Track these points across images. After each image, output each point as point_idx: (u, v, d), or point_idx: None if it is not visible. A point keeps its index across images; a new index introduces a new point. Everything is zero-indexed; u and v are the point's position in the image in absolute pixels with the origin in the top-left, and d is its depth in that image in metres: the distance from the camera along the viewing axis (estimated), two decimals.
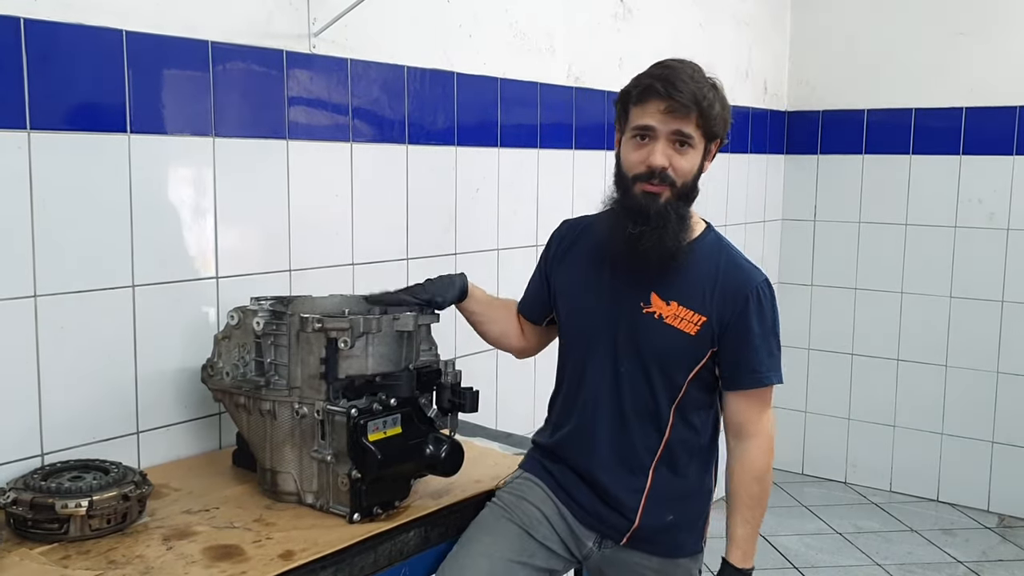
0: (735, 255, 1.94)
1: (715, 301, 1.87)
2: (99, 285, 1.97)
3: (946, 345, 4.45)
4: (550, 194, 3.17)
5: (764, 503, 1.93)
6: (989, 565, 3.87)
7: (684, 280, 1.88)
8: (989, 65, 4.24)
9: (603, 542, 1.96)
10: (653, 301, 1.89)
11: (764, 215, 4.68)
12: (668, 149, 1.83)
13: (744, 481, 1.91)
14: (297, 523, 1.79)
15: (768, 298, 1.89)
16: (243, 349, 1.91)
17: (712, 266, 1.90)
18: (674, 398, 1.90)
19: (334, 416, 1.81)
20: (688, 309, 1.87)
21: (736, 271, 1.90)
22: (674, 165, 1.83)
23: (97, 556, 1.62)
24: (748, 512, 1.91)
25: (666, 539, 1.94)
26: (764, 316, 1.88)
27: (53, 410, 1.91)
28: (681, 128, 1.82)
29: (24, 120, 1.82)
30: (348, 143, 2.48)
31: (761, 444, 1.91)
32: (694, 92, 1.80)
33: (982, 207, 4.31)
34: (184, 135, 2.10)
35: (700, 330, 1.86)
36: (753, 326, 1.87)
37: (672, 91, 1.80)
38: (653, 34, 3.59)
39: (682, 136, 1.82)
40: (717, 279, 1.88)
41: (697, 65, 1.87)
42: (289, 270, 2.35)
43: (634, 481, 1.92)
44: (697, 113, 1.81)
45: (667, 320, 1.88)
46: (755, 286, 1.88)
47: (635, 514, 1.92)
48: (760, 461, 1.91)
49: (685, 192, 1.86)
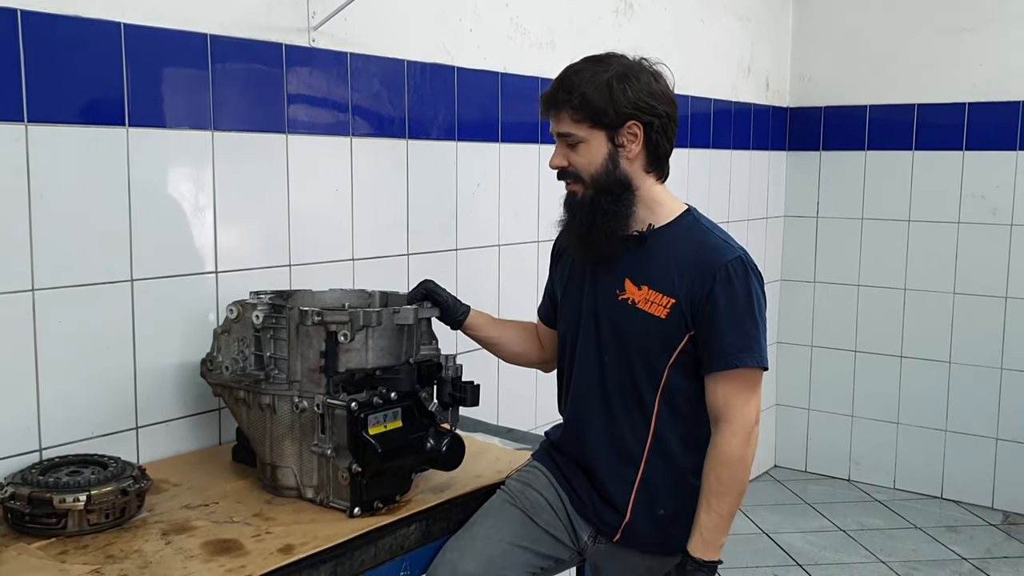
0: (711, 236, 1.87)
1: (684, 282, 1.82)
2: (97, 279, 1.95)
3: (949, 341, 4.43)
4: (551, 190, 3.14)
5: (733, 492, 1.80)
6: (994, 562, 3.85)
7: (655, 264, 1.86)
8: (992, 60, 4.22)
9: (598, 537, 1.95)
10: (627, 287, 1.88)
11: (767, 212, 4.67)
12: (563, 148, 1.88)
13: (712, 466, 1.80)
14: (297, 517, 1.78)
15: (740, 276, 1.80)
16: (242, 343, 1.90)
17: (685, 248, 1.85)
18: (657, 385, 1.86)
19: (334, 410, 1.80)
20: (658, 292, 1.83)
21: (707, 251, 1.84)
22: (572, 162, 1.87)
23: (95, 551, 1.61)
24: (714, 499, 1.79)
25: (658, 536, 1.91)
26: (735, 294, 1.79)
27: (51, 405, 1.90)
28: (558, 129, 1.87)
29: (21, 113, 1.81)
30: (348, 137, 2.46)
31: (734, 429, 1.79)
32: (556, 91, 1.84)
33: (985, 203, 4.29)
34: (183, 128, 2.08)
35: (670, 313, 1.82)
36: (721, 305, 1.79)
37: (545, 97, 1.87)
38: (654, 29, 3.57)
39: (562, 134, 1.87)
40: (688, 260, 1.83)
41: (604, 57, 1.86)
42: (289, 265, 2.34)
43: (626, 473, 1.90)
44: (569, 109, 1.82)
45: (639, 305, 1.85)
46: (724, 263, 1.80)
47: (626, 508, 1.90)
48: (731, 448, 1.79)
49: (602, 183, 1.85)
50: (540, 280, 2.45)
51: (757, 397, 1.84)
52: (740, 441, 1.79)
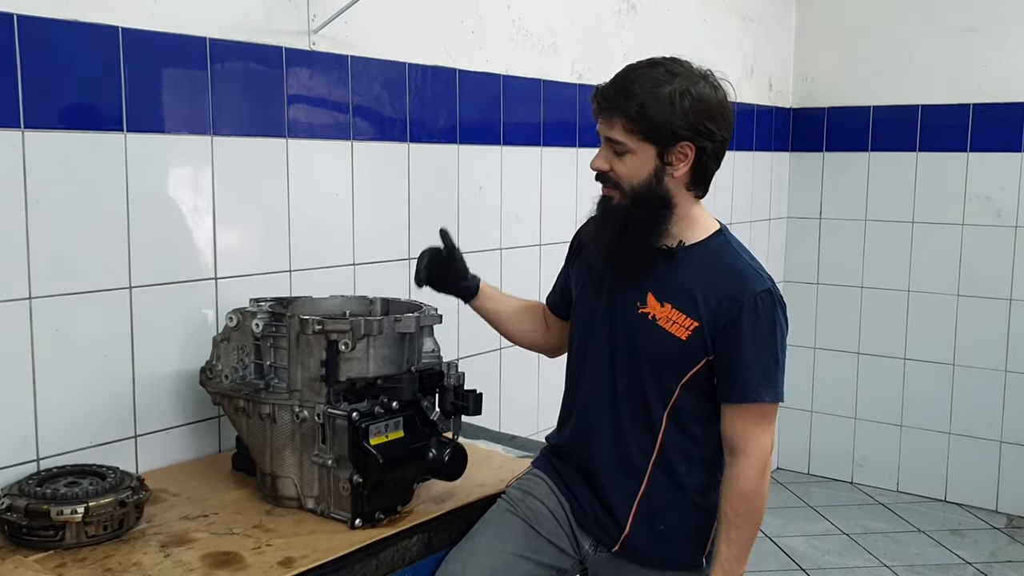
0: (740, 261, 1.83)
1: (709, 307, 1.78)
2: (95, 287, 1.93)
3: (953, 344, 4.41)
4: (554, 193, 3.14)
5: (752, 524, 1.81)
6: (998, 566, 3.83)
7: (681, 282, 1.82)
8: (997, 61, 4.19)
9: (598, 547, 1.93)
10: (649, 301, 1.84)
11: (769, 213, 4.64)
12: (608, 152, 1.81)
13: (730, 499, 1.80)
14: (297, 529, 1.76)
15: (767, 309, 1.77)
16: (242, 351, 1.88)
17: (713, 270, 1.81)
18: (667, 402, 1.83)
19: (335, 419, 1.78)
20: (681, 312, 1.80)
21: (735, 277, 1.80)
22: (615, 169, 1.80)
23: (93, 564, 1.59)
24: (734, 532, 1.80)
25: (658, 550, 1.88)
26: (760, 328, 1.77)
27: (49, 414, 1.88)
28: (608, 134, 1.79)
29: (18, 119, 1.79)
30: (349, 141, 2.44)
31: (752, 462, 1.78)
32: (618, 97, 1.75)
33: (990, 204, 4.26)
34: (181, 134, 2.06)
35: (691, 335, 1.79)
36: (745, 336, 1.76)
37: (600, 96, 1.78)
38: (657, 31, 3.55)
39: (611, 141, 1.79)
40: (714, 284, 1.79)
41: (680, 65, 1.78)
42: (289, 271, 2.32)
43: (630, 485, 1.87)
44: (624, 118, 1.75)
45: (660, 322, 1.82)
46: (753, 295, 1.77)
47: (626, 520, 1.87)
48: (748, 480, 1.78)
49: (641, 196, 1.79)
50: (543, 284, 2.43)
51: (772, 428, 1.84)
52: (758, 474, 1.79)
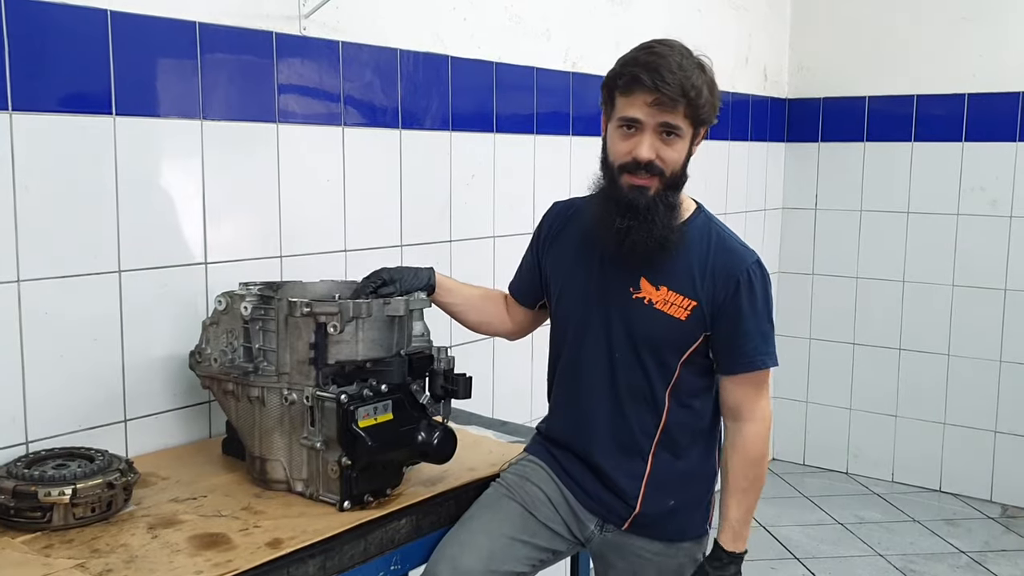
0: (725, 236, 1.90)
1: (705, 285, 1.84)
2: (84, 270, 1.93)
3: (948, 334, 4.41)
4: (547, 181, 3.13)
5: (759, 487, 1.92)
6: (992, 555, 3.83)
7: (674, 264, 1.85)
8: (992, 51, 4.19)
9: (605, 526, 1.95)
10: (643, 286, 1.87)
11: (765, 203, 4.64)
12: (655, 141, 1.79)
13: (740, 465, 1.89)
14: (286, 511, 1.76)
15: (759, 279, 1.86)
16: (231, 335, 1.87)
17: (702, 249, 1.86)
18: (668, 381, 1.88)
19: (324, 402, 1.77)
20: (678, 294, 1.85)
21: (727, 254, 1.87)
22: (662, 156, 1.80)
23: (80, 545, 1.59)
24: (743, 496, 1.90)
25: (668, 524, 1.93)
26: (755, 299, 1.85)
27: (37, 398, 1.88)
28: (669, 120, 1.78)
29: (6, 101, 1.78)
30: (340, 127, 2.43)
31: (758, 429, 1.89)
32: (682, 83, 1.75)
33: (984, 194, 4.27)
34: (171, 118, 2.05)
35: (691, 315, 1.84)
36: (745, 310, 1.84)
37: (660, 84, 1.74)
38: (651, 19, 3.53)
39: (669, 127, 1.79)
40: (707, 263, 1.85)
41: (685, 48, 1.82)
42: (280, 256, 2.31)
43: (634, 466, 1.90)
44: (685, 104, 1.76)
45: (657, 305, 1.85)
46: (746, 268, 1.85)
47: (636, 500, 1.90)
48: (757, 445, 1.89)
49: (674, 181, 1.83)
50: None
51: (768, 392, 1.92)
52: (763, 439, 1.89)
